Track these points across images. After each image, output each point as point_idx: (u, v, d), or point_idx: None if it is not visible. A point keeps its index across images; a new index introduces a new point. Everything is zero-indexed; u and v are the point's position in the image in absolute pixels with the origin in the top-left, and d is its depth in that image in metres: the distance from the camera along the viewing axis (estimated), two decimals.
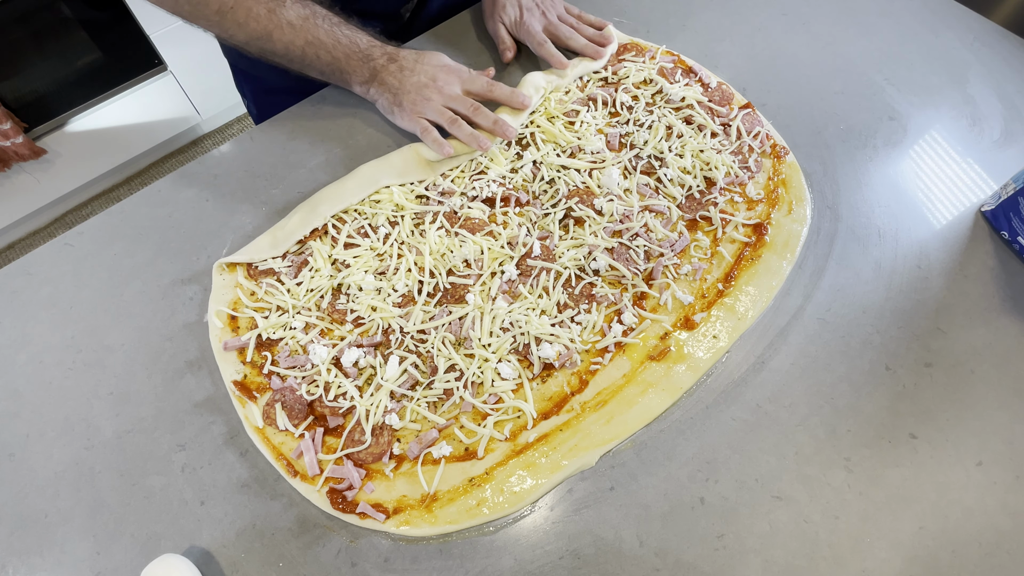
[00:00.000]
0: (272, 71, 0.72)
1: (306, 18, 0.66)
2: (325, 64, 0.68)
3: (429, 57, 0.70)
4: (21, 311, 0.62)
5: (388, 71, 0.68)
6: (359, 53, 0.68)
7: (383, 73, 0.68)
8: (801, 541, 0.49)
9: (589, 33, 0.78)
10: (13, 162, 1.71)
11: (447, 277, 0.61)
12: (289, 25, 0.65)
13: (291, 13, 0.65)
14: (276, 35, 0.65)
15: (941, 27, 0.85)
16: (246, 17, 0.64)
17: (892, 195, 0.69)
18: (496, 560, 0.49)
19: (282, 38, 0.66)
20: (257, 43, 0.66)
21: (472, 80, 0.69)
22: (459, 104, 0.68)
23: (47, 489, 0.52)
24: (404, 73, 0.68)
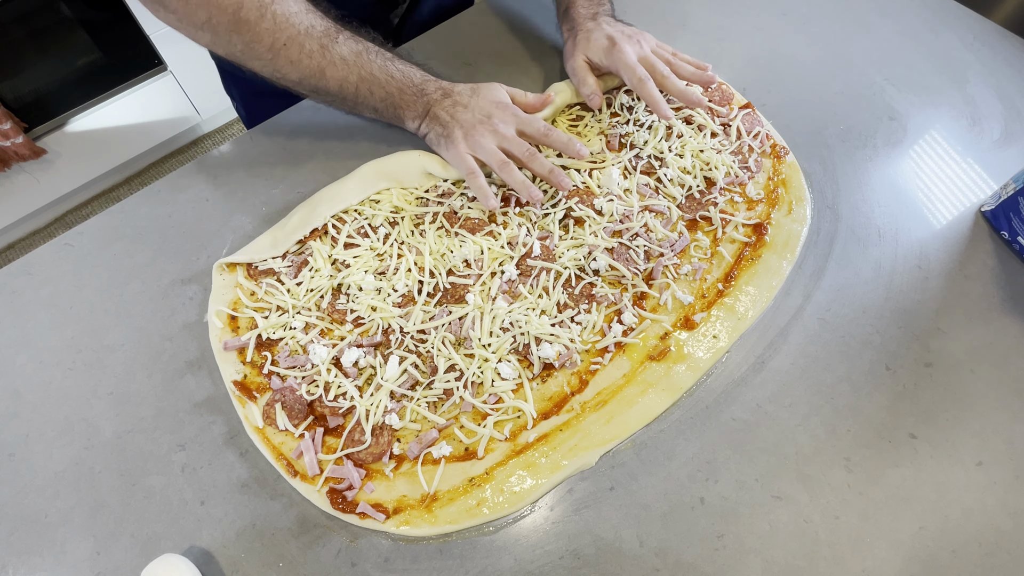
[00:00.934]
0: None
1: (359, 53, 0.63)
2: (379, 100, 0.65)
3: (485, 91, 0.66)
4: (21, 311, 0.62)
5: (441, 106, 0.65)
6: (413, 88, 0.66)
7: (436, 107, 0.65)
8: (801, 541, 0.49)
9: (687, 72, 0.70)
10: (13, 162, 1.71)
11: (447, 277, 0.61)
12: (343, 61, 0.63)
13: (344, 49, 0.63)
14: (329, 72, 0.63)
15: (941, 27, 0.85)
16: (299, 54, 0.61)
17: (892, 195, 0.69)
18: (496, 560, 0.49)
19: (335, 75, 0.63)
20: (310, 81, 0.63)
21: (529, 122, 0.65)
22: (514, 146, 0.64)
23: (47, 489, 0.52)
24: (457, 109, 0.65)
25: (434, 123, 0.65)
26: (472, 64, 0.82)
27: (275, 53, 0.61)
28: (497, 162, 0.63)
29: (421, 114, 0.66)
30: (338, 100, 0.66)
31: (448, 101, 0.65)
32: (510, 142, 0.64)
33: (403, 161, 0.68)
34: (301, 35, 0.61)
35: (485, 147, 0.63)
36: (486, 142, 0.63)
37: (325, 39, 0.62)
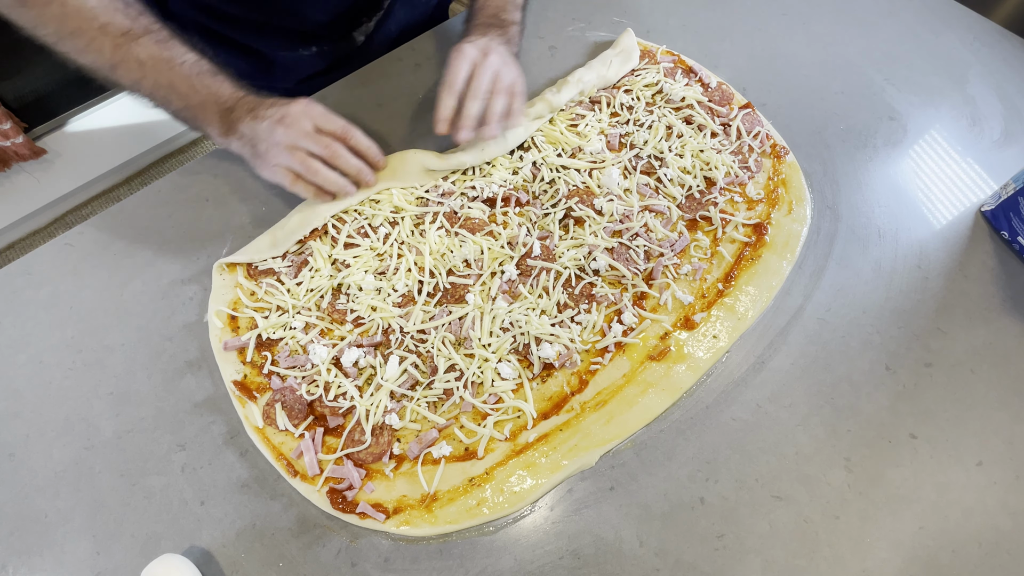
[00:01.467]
0: None
1: (159, 59, 0.60)
2: (177, 110, 0.62)
3: (287, 101, 0.61)
4: (21, 311, 0.62)
5: (243, 122, 0.61)
6: (217, 104, 0.61)
7: (239, 124, 0.61)
8: (801, 541, 0.49)
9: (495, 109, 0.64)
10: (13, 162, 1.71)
11: (447, 277, 0.61)
12: (138, 63, 0.59)
13: (142, 52, 0.59)
14: (120, 71, 0.60)
15: (941, 27, 0.85)
16: (86, 47, 0.59)
17: (892, 195, 0.69)
18: (496, 560, 0.49)
19: (128, 75, 0.60)
20: (100, 73, 0.60)
21: (327, 118, 0.61)
22: (312, 145, 0.60)
23: (47, 489, 0.52)
24: (257, 121, 0.60)
25: (243, 142, 0.62)
26: None
27: (60, 39, 0.59)
28: (298, 162, 0.60)
29: (227, 131, 0.62)
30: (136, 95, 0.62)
31: (249, 116, 0.61)
32: (307, 141, 0.60)
33: (401, 159, 0.68)
34: (92, 30, 0.58)
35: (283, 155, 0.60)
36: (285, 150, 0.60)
37: (122, 38, 0.59)
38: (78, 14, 0.58)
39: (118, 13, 0.59)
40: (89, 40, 0.58)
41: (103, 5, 0.58)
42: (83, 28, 0.58)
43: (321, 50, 0.84)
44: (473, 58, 0.64)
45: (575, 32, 0.85)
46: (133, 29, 0.59)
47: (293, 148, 0.60)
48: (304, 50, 0.84)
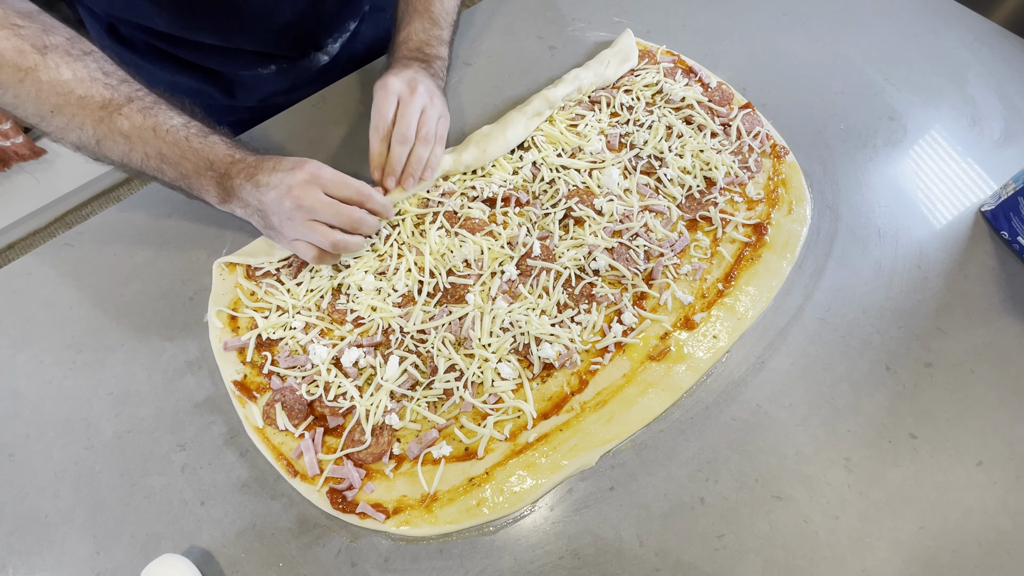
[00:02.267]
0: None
1: (144, 129, 0.56)
2: (171, 179, 0.59)
3: (283, 163, 0.58)
4: (21, 311, 0.62)
5: (245, 189, 0.57)
6: (212, 170, 0.58)
7: (240, 191, 0.58)
8: (801, 541, 0.49)
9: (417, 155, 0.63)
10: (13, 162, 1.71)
11: (447, 277, 0.61)
12: (123, 136, 0.56)
13: (126, 124, 0.56)
14: (106, 146, 0.57)
15: (941, 27, 0.85)
16: (68, 123, 0.56)
17: (892, 195, 0.69)
18: (496, 560, 0.49)
19: (114, 149, 0.57)
20: (87, 150, 0.58)
21: (337, 183, 0.58)
22: (332, 218, 0.57)
23: (47, 489, 0.52)
24: (261, 190, 0.57)
25: (249, 211, 0.59)
26: (472, 64, 0.82)
27: (41, 118, 0.56)
28: (329, 244, 0.57)
29: (225, 197, 0.59)
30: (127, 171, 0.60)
31: (250, 184, 0.57)
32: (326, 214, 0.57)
33: None
34: (72, 105, 0.55)
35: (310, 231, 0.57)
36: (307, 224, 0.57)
37: (102, 112, 0.56)
38: (54, 89, 0.54)
39: (97, 84, 0.56)
40: (70, 116, 0.55)
41: (80, 77, 0.55)
42: (62, 104, 0.55)
43: (281, 68, 0.82)
44: (398, 92, 0.62)
45: (575, 32, 0.85)
46: (114, 99, 0.56)
47: (310, 222, 0.56)
48: (263, 69, 0.81)
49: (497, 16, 0.87)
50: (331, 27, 0.83)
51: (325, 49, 0.84)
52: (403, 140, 0.62)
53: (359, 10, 0.85)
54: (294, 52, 0.82)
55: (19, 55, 0.53)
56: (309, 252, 0.58)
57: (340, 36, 0.84)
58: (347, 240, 0.58)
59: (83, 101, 0.55)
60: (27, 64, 0.53)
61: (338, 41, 0.84)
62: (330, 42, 0.84)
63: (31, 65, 0.54)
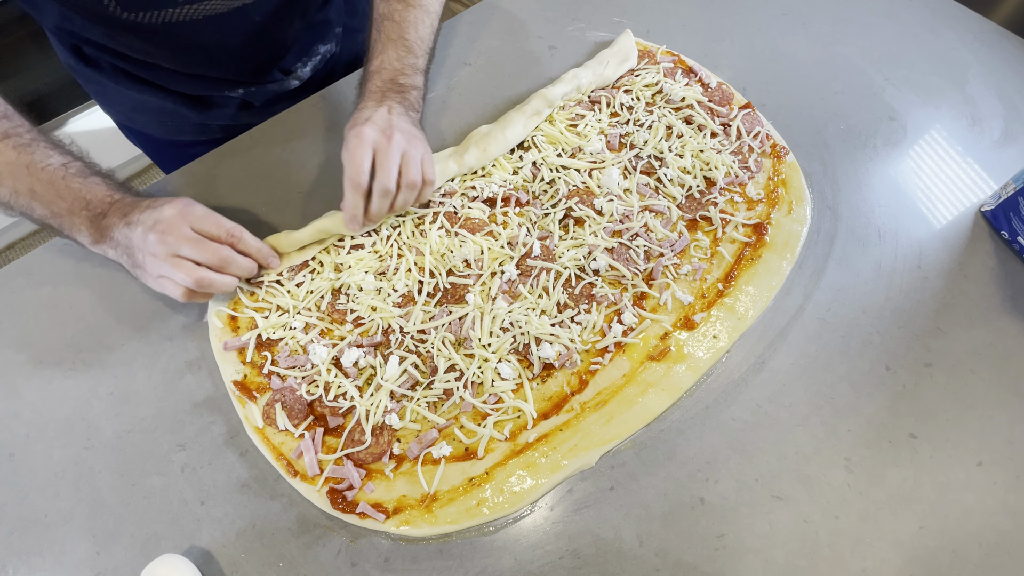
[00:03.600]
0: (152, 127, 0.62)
1: (17, 165, 0.55)
2: (41, 218, 0.57)
3: (158, 201, 0.57)
4: (21, 311, 0.62)
5: (117, 228, 0.56)
6: (87, 210, 0.56)
7: (113, 231, 0.56)
8: (801, 541, 0.49)
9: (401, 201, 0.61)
10: None
11: (447, 277, 0.61)
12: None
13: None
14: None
15: (941, 27, 0.85)
16: None
17: (892, 195, 0.69)
18: (496, 560, 0.49)
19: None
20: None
21: (208, 219, 0.56)
22: (196, 252, 0.55)
23: (47, 489, 0.52)
24: (131, 227, 0.55)
25: (120, 251, 0.57)
26: (472, 64, 0.82)
27: None
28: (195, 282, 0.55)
29: (98, 238, 0.57)
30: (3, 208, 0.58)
31: (122, 222, 0.56)
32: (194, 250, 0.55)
33: None
34: None
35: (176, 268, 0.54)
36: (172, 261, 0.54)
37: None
38: None
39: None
40: None
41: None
42: None
43: (248, 91, 0.80)
44: (374, 143, 0.59)
45: (575, 32, 0.85)
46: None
47: (174, 257, 0.54)
48: (230, 92, 0.80)
49: (497, 16, 0.87)
50: (299, 52, 0.81)
51: (295, 73, 0.82)
52: (385, 193, 0.59)
53: (329, 34, 0.84)
54: (259, 78, 0.80)
55: None
56: (176, 291, 0.55)
57: (310, 60, 0.83)
58: (213, 278, 0.55)
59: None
60: None
61: (308, 65, 0.83)
62: (299, 66, 0.82)
63: None
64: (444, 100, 0.78)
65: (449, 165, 0.67)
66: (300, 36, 0.80)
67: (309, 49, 0.83)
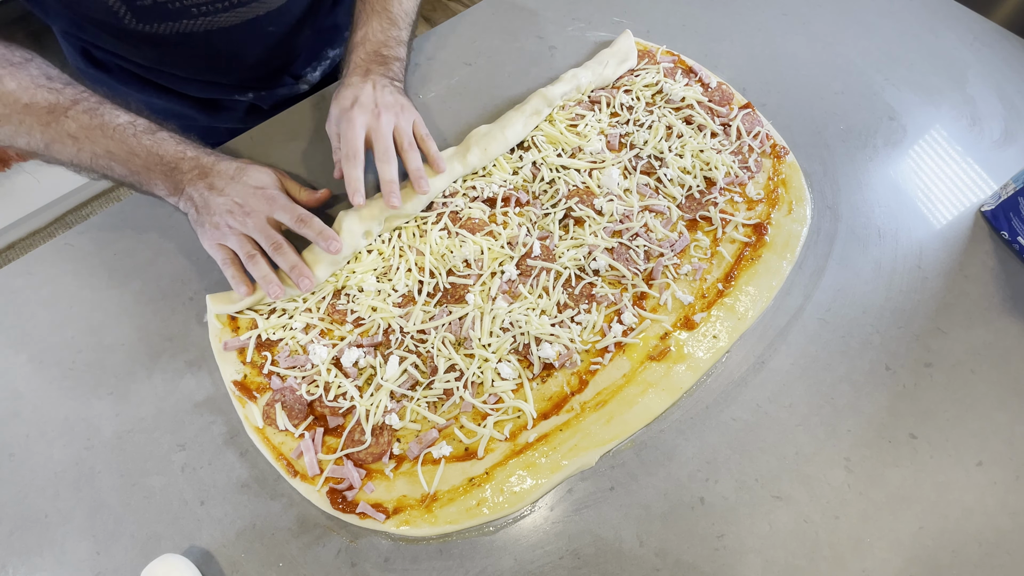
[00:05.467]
0: None
1: (91, 128, 0.57)
2: (121, 176, 0.60)
3: (248, 175, 0.60)
4: (21, 311, 0.62)
5: (195, 187, 0.59)
6: (161, 164, 0.59)
7: (189, 188, 0.59)
8: (801, 541, 0.49)
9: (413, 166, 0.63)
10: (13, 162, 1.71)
11: (447, 277, 0.61)
12: (71, 138, 0.57)
13: (73, 125, 0.57)
14: (56, 148, 0.58)
15: (941, 27, 0.85)
16: (16, 131, 0.57)
17: (892, 195, 0.69)
18: (496, 560, 0.49)
19: (63, 151, 0.58)
20: (38, 155, 0.59)
21: (284, 209, 0.59)
22: (261, 236, 0.58)
23: (47, 489, 0.52)
24: (212, 193, 0.58)
25: (190, 204, 0.60)
26: (472, 64, 0.82)
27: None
28: (244, 254, 0.58)
29: (173, 191, 0.60)
30: (78, 171, 0.60)
31: (203, 183, 0.59)
32: (258, 233, 0.58)
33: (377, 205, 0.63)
34: (19, 112, 0.56)
35: (234, 236, 0.58)
36: (234, 232, 0.58)
37: (49, 116, 0.57)
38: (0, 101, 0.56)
39: (41, 89, 0.57)
40: (17, 124, 0.56)
41: (24, 85, 0.56)
42: (8, 114, 0.56)
43: (259, 95, 0.82)
44: (365, 123, 0.61)
45: (575, 32, 0.85)
46: (59, 103, 0.57)
47: (242, 240, 0.58)
48: (240, 96, 0.82)
49: (497, 16, 0.87)
50: (308, 58, 0.83)
51: (304, 78, 0.83)
52: (387, 159, 0.61)
53: (338, 38, 0.85)
54: (269, 84, 0.81)
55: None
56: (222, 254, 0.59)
57: (319, 65, 0.84)
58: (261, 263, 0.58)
59: (29, 108, 0.56)
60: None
61: (317, 70, 0.84)
62: (309, 71, 0.83)
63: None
64: (444, 100, 0.78)
65: (454, 166, 0.67)
66: (310, 42, 0.81)
67: (318, 54, 0.84)
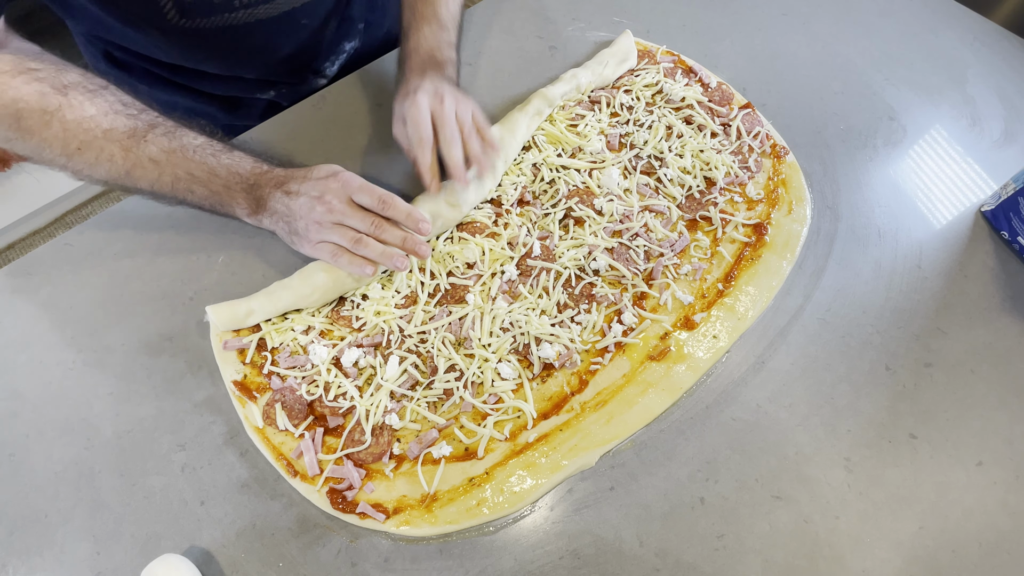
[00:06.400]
0: None
1: (172, 151, 0.57)
2: (202, 198, 0.60)
3: (315, 170, 0.60)
4: (21, 311, 0.62)
5: (275, 198, 0.59)
6: (241, 183, 0.59)
7: (270, 201, 0.59)
8: (801, 541, 0.49)
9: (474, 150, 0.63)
10: (13, 162, 1.71)
11: (447, 278, 0.61)
12: (151, 162, 0.57)
13: (153, 149, 0.57)
14: (137, 173, 0.57)
15: (941, 27, 0.85)
16: (97, 158, 0.56)
17: (892, 195, 0.69)
18: (496, 560, 0.49)
19: (145, 176, 0.57)
20: (117, 183, 0.58)
21: (363, 190, 0.58)
22: (356, 222, 0.58)
23: (47, 489, 0.52)
24: (291, 198, 0.58)
25: (276, 218, 0.60)
26: (472, 64, 0.82)
27: (69, 158, 0.56)
28: (349, 240, 0.58)
29: (255, 209, 0.60)
30: (157, 198, 0.60)
31: (280, 192, 0.59)
32: (351, 218, 0.58)
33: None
34: (99, 139, 0.56)
35: (331, 232, 0.58)
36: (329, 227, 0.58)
37: (129, 140, 0.57)
38: (80, 126, 0.55)
39: (120, 116, 0.57)
40: (98, 151, 0.56)
41: (103, 111, 0.56)
42: (88, 141, 0.56)
43: (280, 93, 0.83)
44: (431, 106, 0.62)
45: (575, 32, 0.85)
46: (138, 128, 0.57)
47: (338, 225, 0.58)
48: (262, 94, 0.82)
49: (497, 16, 0.87)
50: (328, 52, 0.84)
51: (323, 73, 0.84)
52: (453, 142, 0.62)
53: (353, 31, 0.85)
54: (294, 79, 0.82)
55: (42, 98, 0.54)
56: (326, 251, 0.58)
57: (337, 59, 0.85)
58: (371, 243, 0.58)
59: (109, 134, 0.56)
60: (52, 106, 0.54)
61: (335, 64, 0.85)
62: (327, 66, 0.84)
63: (56, 106, 0.54)
64: None
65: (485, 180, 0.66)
66: (333, 37, 0.82)
67: (337, 47, 0.84)
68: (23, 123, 0.54)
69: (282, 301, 0.58)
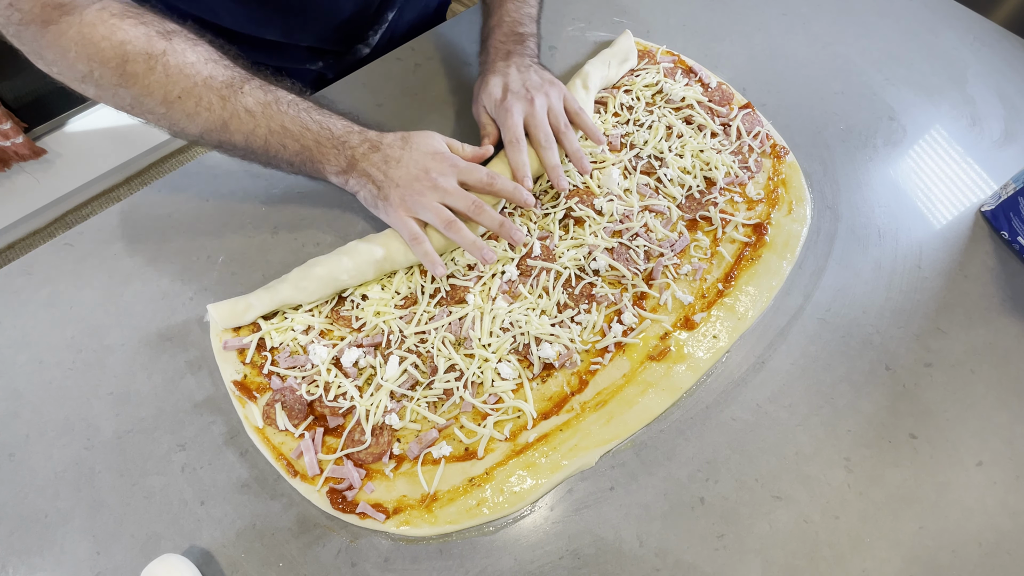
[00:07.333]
0: None
1: (267, 104, 0.57)
2: (293, 154, 0.59)
3: (419, 141, 0.60)
4: (21, 311, 0.62)
5: (369, 160, 0.59)
6: (332, 140, 0.59)
7: (363, 163, 0.59)
8: (801, 541, 0.49)
9: (573, 147, 0.65)
10: (13, 162, 1.71)
11: (447, 280, 0.61)
12: (248, 113, 0.57)
13: (249, 100, 0.57)
14: (233, 125, 0.57)
15: (941, 27, 0.85)
16: (196, 107, 0.56)
17: (892, 195, 0.69)
18: (496, 560, 0.49)
19: (240, 128, 0.57)
20: (213, 135, 0.58)
21: (470, 171, 0.59)
22: (457, 200, 0.58)
23: (47, 489, 0.52)
24: (390, 164, 0.58)
25: (365, 180, 0.59)
26: (471, 64, 0.82)
27: (168, 106, 0.55)
28: (443, 222, 0.57)
29: (345, 168, 0.60)
30: (248, 154, 0.60)
31: (377, 156, 0.59)
32: (453, 196, 0.58)
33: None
34: (199, 87, 0.55)
35: (426, 206, 0.57)
36: (426, 201, 0.57)
37: (227, 90, 0.56)
38: (182, 72, 0.55)
39: (217, 65, 0.57)
40: (198, 99, 0.56)
41: (203, 59, 0.56)
42: (189, 88, 0.55)
43: (327, 63, 0.84)
44: (522, 110, 0.64)
45: (575, 32, 0.85)
46: (235, 78, 0.57)
47: (438, 208, 0.57)
48: (311, 65, 0.84)
49: None
50: (374, 20, 0.84)
51: (367, 41, 0.85)
52: (549, 145, 0.63)
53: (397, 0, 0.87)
54: (344, 46, 0.83)
55: (148, 41, 0.54)
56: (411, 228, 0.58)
57: (380, 27, 0.86)
58: (463, 229, 0.58)
59: (208, 82, 0.56)
60: (157, 50, 0.54)
61: (378, 33, 0.86)
62: (371, 34, 0.85)
63: (160, 51, 0.54)
64: (445, 100, 0.78)
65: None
66: (380, 3, 0.83)
67: (381, 16, 0.85)
68: (128, 67, 0.53)
69: (280, 294, 0.58)
